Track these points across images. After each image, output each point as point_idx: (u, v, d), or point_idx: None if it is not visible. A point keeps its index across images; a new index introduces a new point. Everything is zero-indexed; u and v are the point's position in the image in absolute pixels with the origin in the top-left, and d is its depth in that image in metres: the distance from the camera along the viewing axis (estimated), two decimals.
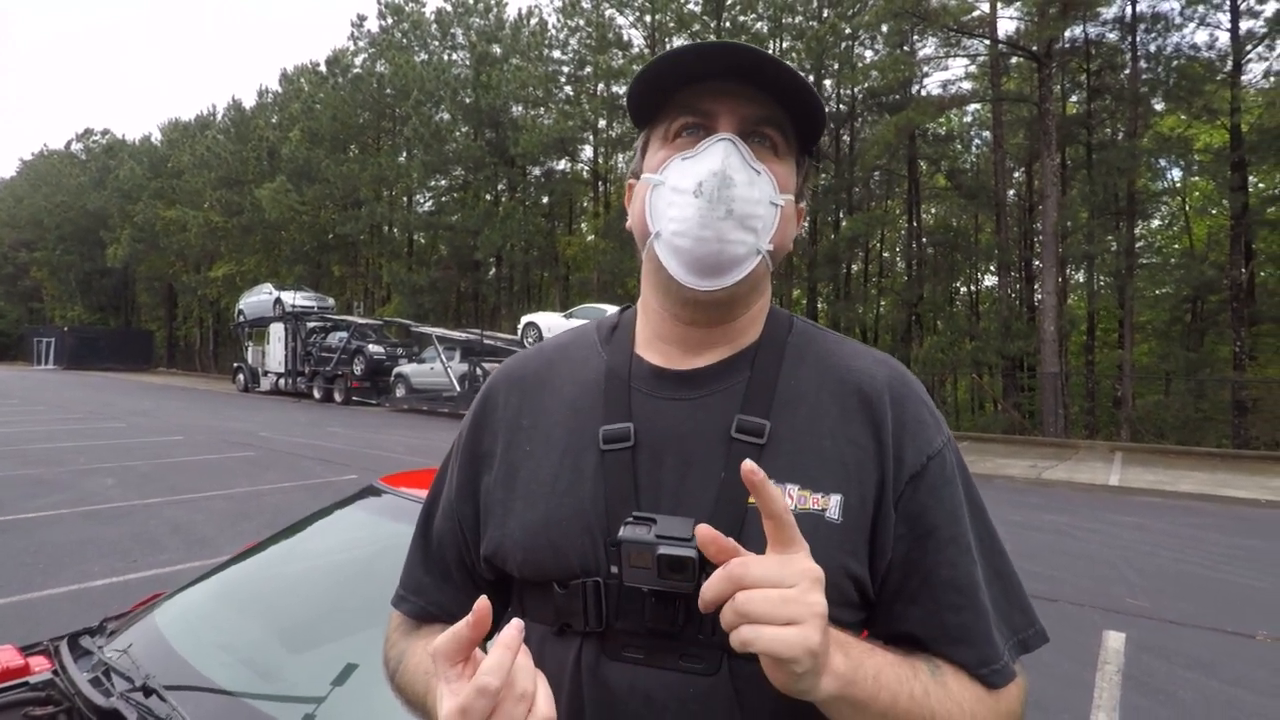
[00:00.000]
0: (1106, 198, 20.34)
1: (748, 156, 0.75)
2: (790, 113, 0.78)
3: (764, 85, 0.75)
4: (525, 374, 0.89)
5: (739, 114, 0.76)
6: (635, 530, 0.69)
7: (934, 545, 0.75)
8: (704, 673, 0.71)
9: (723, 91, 0.76)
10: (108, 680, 1.48)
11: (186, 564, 5.29)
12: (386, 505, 2.27)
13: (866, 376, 0.79)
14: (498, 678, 0.55)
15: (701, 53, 0.74)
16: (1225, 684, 3.80)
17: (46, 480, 8.24)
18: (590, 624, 0.73)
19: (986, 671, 0.73)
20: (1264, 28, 17.23)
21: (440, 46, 32.18)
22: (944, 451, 0.78)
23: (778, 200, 0.77)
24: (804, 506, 0.72)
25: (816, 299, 25.93)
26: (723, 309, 0.80)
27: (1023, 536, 7.06)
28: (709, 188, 0.73)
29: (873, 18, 19.64)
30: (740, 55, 0.73)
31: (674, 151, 0.77)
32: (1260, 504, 9.19)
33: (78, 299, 48.45)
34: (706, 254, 0.74)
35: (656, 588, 0.68)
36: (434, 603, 0.88)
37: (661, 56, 0.75)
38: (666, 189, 0.77)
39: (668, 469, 0.76)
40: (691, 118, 0.77)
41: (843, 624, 0.72)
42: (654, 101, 0.79)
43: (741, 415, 0.76)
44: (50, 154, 53.04)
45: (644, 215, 0.79)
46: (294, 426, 15.14)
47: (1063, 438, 16.41)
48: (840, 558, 0.72)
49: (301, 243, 33.36)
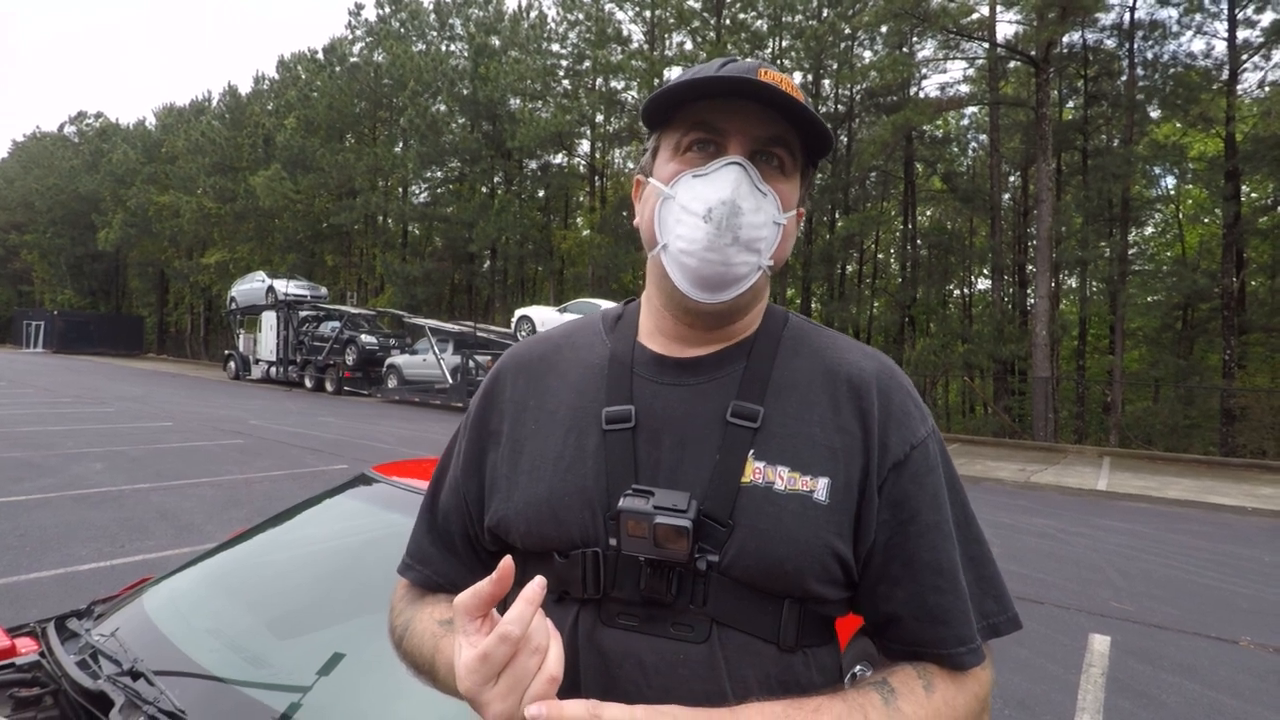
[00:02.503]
0: (1101, 204, 20.44)
1: (756, 180, 0.78)
2: (798, 129, 0.80)
3: (773, 104, 0.77)
4: (532, 358, 0.93)
5: (750, 134, 0.79)
6: (634, 501, 0.74)
7: (916, 530, 0.79)
8: (693, 640, 0.75)
9: (735, 109, 0.79)
10: (95, 663, 1.47)
11: (174, 550, 5.27)
12: (378, 494, 2.27)
13: (856, 369, 0.83)
14: (520, 627, 0.59)
15: (729, 85, 0.76)
16: (1209, 689, 3.83)
17: (34, 464, 8.18)
18: (588, 591, 0.77)
19: (962, 650, 0.77)
20: (1260, 37, 17.34)
21: (438, 37, 32.04)
22: (927, 442, 0.82)
23: (780, 220, 0.81)
24: (793, 488, 0.76)
25: (811, 298, 25.97)
26: (723, 317, 0.84)
27: (1011, 539, 7.10)
28: (718, 215, 0.76)
29: (872, 18, 19.64)
30: (760, 88, 0.76)
31: (685, 166, 0.80)
32: (1246, 511, 9.27)
33: (68, 283, 48.05)
34: (712, 274, 0.78)
35: (653, 556, 0.73)
36: (438, 572, 0.93)
37: (689, 81, 0.77)
38: (676, 205, 0.80)
39: (666, 449, 0.79)
40: (704, 133, 0.80)
41: (829, 601, 0.78)
42: (667, 108, 0.82)
43: (737, 401, 0.80)
44: (43, 136, 52.52)
45: (653, 224, 0.83)
46: (285, 415, 15.08)
47: (1052, 442, 16.51)
48: (826, 537, 0.76)
49: (295, 231, 33.17)
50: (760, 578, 0.75)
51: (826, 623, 0.81)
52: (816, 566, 0.75)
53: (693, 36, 25.23)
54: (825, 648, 0.81)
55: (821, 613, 0.79)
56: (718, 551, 0.75)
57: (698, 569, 0.74)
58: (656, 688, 0.74)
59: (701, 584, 0.74)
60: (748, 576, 0.75)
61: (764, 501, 0.76)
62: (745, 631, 0.75)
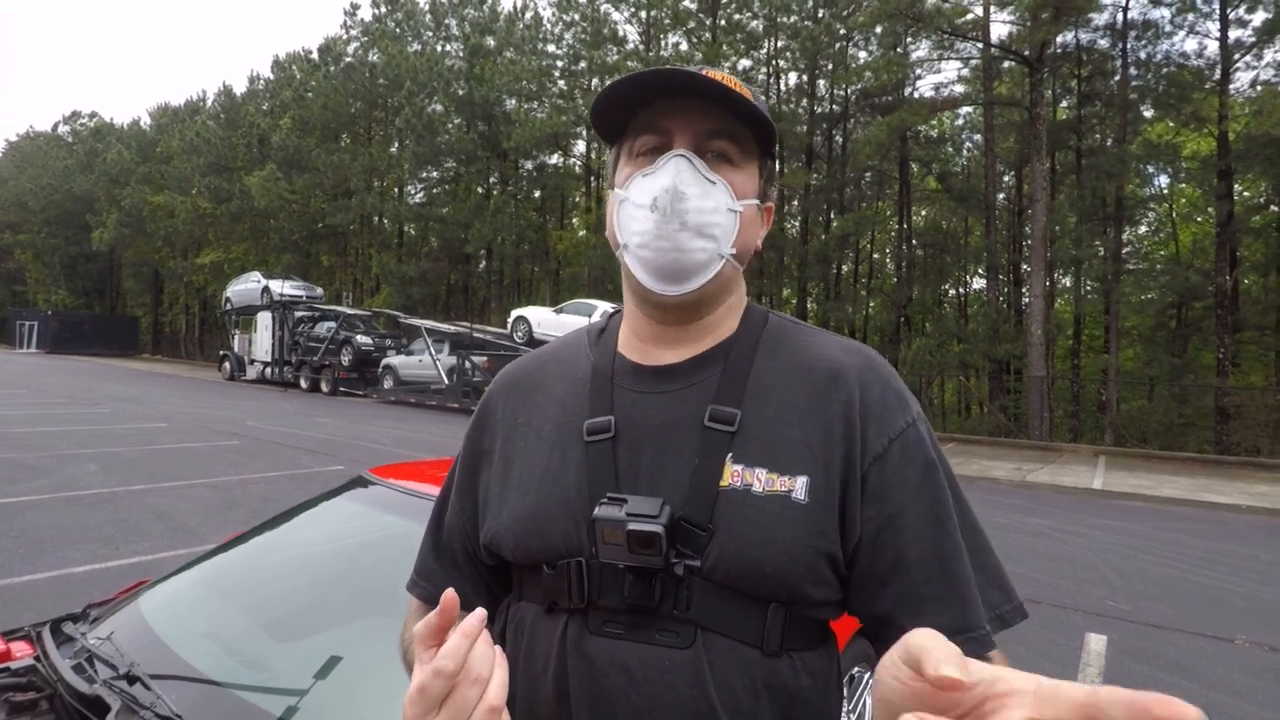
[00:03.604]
0: (1095, 203, 20.52)
1: (701, 169, 0.80)
2: (745, 121, 0.82)
3: (716, 98, 0.79)
4: (521, 377, 0.96)
5: (692, 129, 0.81)
6: (608, 509, 0.75)
7: (902, 523, 0.77)
8: (679, 646, 0.75)
9: (678, 109, 0.81)
10: (91, 667, 1.46)
11: (169, 552, 5.25)
12: (375, 496, 2.25)
13: (836, 364, 0.83)
14: (453, 661, 0.58)
15: (638, 82, 0.79)
16: (1205, 687, 3.84)
17: (28, 464, 8.14)
18: (574, 601, 0.78)
19: (964, 639, 0.73)
20: (1252, 37, 17.41)
21: (434, 37, 32.00)
22: (907, 432, 0.80)
23: (735, 207, 0.81)
24: (772, 489, 0.76)
25: (806, 298, 26.00)
26: (691, 310, 0.85)
27: (1006, 538, 7.12)
28: (663, 203, 0.79)
29: (867, 19, 19.67)
30: (680, 78, 0.78)
31: (636, 169, 0.83)
32: (1241, 509, 9.31)
33: (62, 283, 47.84)
34: (667, 262, 0.80)
35: (629, 563, 0.74)
36: (441, 587, 0.93)
37: (619, 80, 0.80)
38: (630, 204, 0.82)
39: (646, 456, 0.80)
40: (651, 136, 0.82)
41: (817, 603, 0.77)
42: (620, 120, 0.85)
43: (714, 405, 0.81)
44: (37, 136, 52.30)
45: (614, 228, 0.85)
46: (280, 416, 15.04)
47: (1047, 441, 16.55)
48: (806, 537, 0.75)
49: (290, 231, 33.08)
50: (741, 581, 0.75)
51: (818, 626, 0.80)
52: (799, 567, 0.75)
53: (688, 37, 25.24)
54: (816, 651, 0.80)
55: (810, 615, 0.78)
56: (699, 556, 0.75)
57: (677, 574, 0.74)
58: (643, 694, 0.74)
59: (684, 589, 0.75)
60: (729, 580, 0.75)
61: (742, 505, 0.76)
62: (729, 636, 0.75)
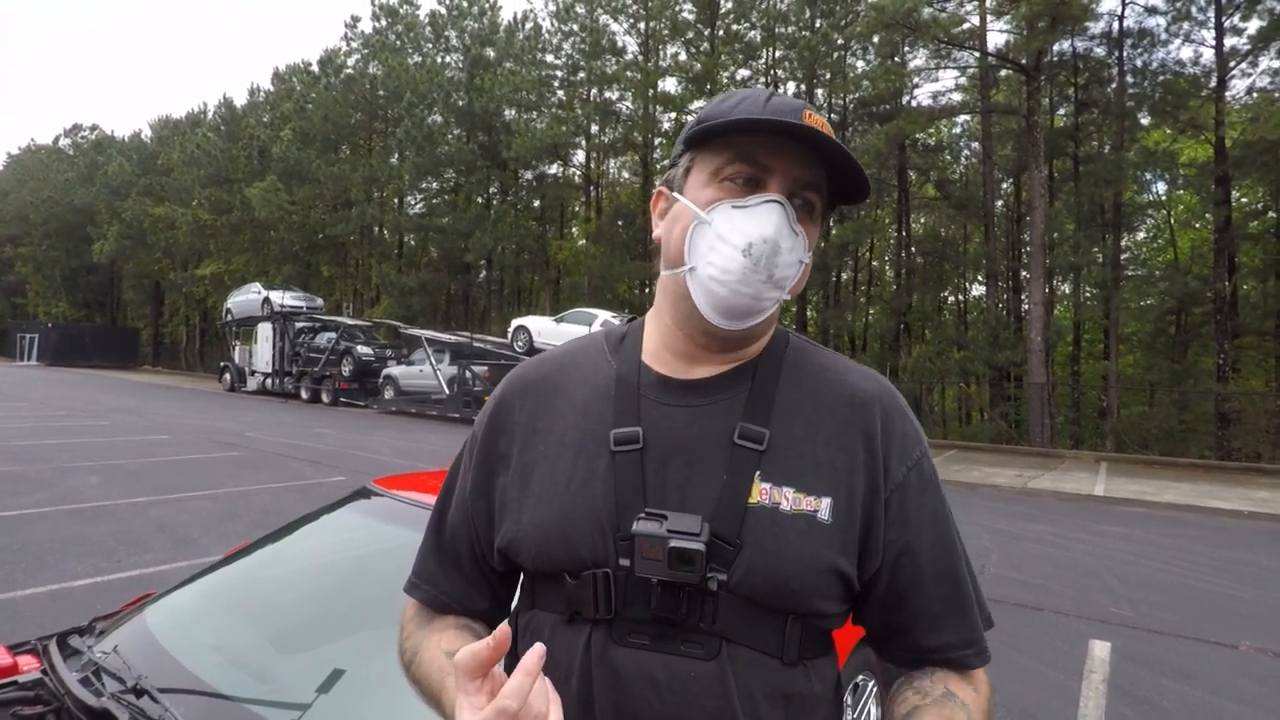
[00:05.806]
0: (1093, 210, 20.55)
1: (792, 220, 0.80)
2: (830, 174, 0.82)
3: (816, 147, 0.79)
4: (538, 379, 0.93)
5: (791, 175, 0.80)
6: (648, 525, 0.76)
7: (920, 547, 0.83)
8: (704, 657, 0.76)
9: (780, 148, 0.80)
10: (98, 680, 1.46)
11: (172, 564, 5.24)
12: (379, 507, 2.26)
13: (859, 391, 0.86)
14: (517, 701, 0.60)
15: (779, 127, 0.77)
16: (1210, 694, 3.83)
17: (29, 477, 8.13)
18: (600, 612, 0.78)
19: (970, 652, 0.83)
20: (1247, 44, 17.50)
21: (434, 49, 32.10)
22: (921, 461, 0.86)
23: (805, 259, 0.83)
24: (798, 508, 0.79)
25: (807, 306, 26.01)
26: (738, 341, 0.86)
27: (1009, 546, 7.10)
28: (759, 252, 0.78)
29: (864, 28, 19.74)
30: (805, 132, 0.77)
31: (723, 195, 0.81)
32: (1242, 515, 9.29)
33: (63, 295, 47.87)
34: (740, 305, 0.80)
35: (665, 578, 0.75)
36: (444, 591, 0.94)
37: (740, 120, 0.78)
38: (711, 232, 0.80)
39: (673, 470, 0.81)
40: (747, 166, 0.80)
41: (829, 615, 0.82)
42: (709, 131, 0.81)
43: (743, 423, 0.82)
44: (38, 149, 52.44)
45: (683, 245, 0.83)
46: (281, 427, 15.04)
47: (1048, 447, 16.53)
48: (829, 555, 0.78)
49: (291, 242, 33.14)
50: (767, 596, 0.77)
51: (825, 635, 0.84)
52: (820, 584, 0.78)
53: (687, 48, 25.36)
54: (824, 658, 0.84)
55: (821, 626, 0.82)
56: (726, 570, 0.76)
57: (709, 589, 0.76)
58: (668, 705, 0.75)
59: (711, 603, 0.76)
60: (755, 595, 0.77)
61: (770, 522, 0.78)
62: (752, 647, 0.77)
